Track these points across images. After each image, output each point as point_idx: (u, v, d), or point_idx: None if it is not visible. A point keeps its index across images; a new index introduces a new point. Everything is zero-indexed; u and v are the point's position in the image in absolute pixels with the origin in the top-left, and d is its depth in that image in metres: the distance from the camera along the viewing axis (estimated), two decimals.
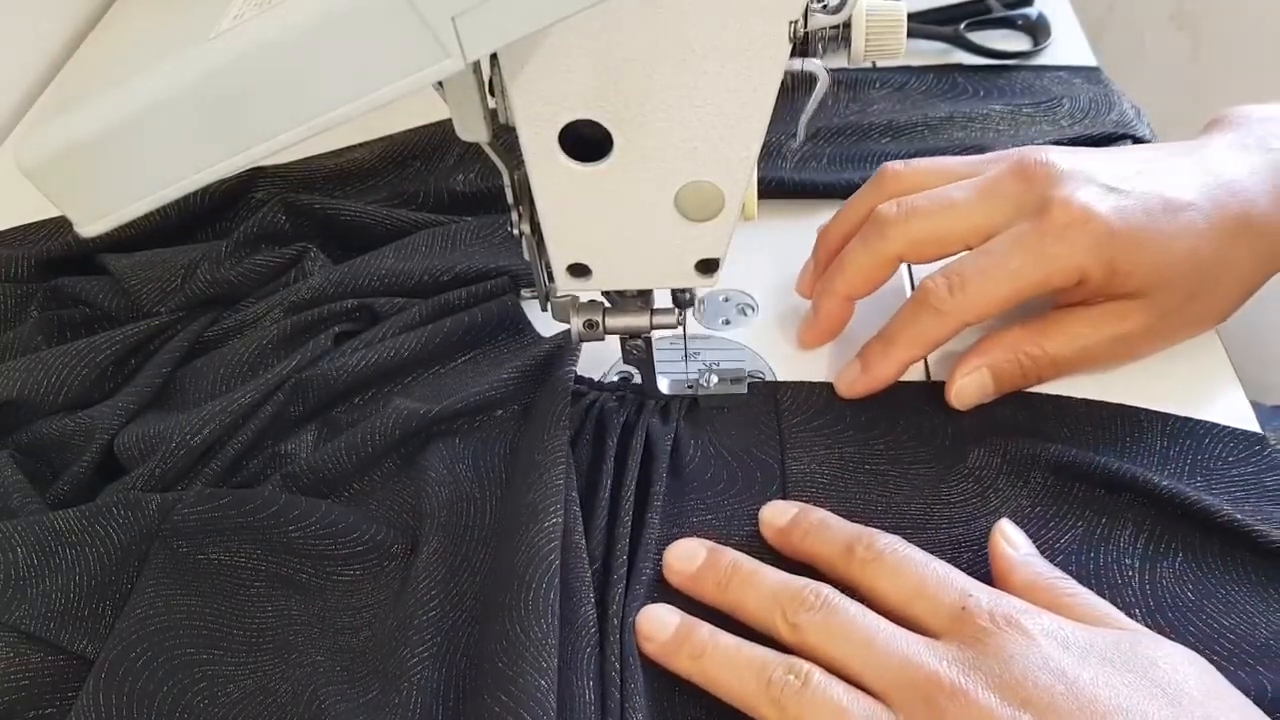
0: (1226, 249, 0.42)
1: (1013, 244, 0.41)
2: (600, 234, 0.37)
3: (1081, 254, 0.40)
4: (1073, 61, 0.64)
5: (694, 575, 0.38)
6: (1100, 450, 0.42)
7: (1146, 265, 0.41)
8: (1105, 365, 0.45)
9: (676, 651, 0.36)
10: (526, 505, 0.39)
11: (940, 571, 0.35)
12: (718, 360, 0.48)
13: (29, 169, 0.28)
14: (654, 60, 0.31)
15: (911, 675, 0.32)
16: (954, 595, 0.34)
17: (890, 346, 0.44)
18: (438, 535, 0.40)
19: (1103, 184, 0.42)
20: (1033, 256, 0.41)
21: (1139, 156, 0.44)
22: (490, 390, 0.44)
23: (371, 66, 0.26)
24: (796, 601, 0.35)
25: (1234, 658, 0.35)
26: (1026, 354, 0.43)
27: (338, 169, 0.58)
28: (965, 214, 0.43)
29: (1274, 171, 0.43)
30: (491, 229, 0.54)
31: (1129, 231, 0.40)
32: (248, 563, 0.40)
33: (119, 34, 0.34)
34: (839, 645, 0.33)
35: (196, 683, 0.37)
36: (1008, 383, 0.44)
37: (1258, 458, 0.42)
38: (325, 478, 0.43)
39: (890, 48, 0.37)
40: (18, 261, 0.53)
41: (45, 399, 0.46)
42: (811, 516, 0.39)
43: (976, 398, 0.44)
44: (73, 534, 0.40)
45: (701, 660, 0.35)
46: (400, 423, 0.42)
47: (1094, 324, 0.43)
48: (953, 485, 0.42)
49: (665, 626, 0.36)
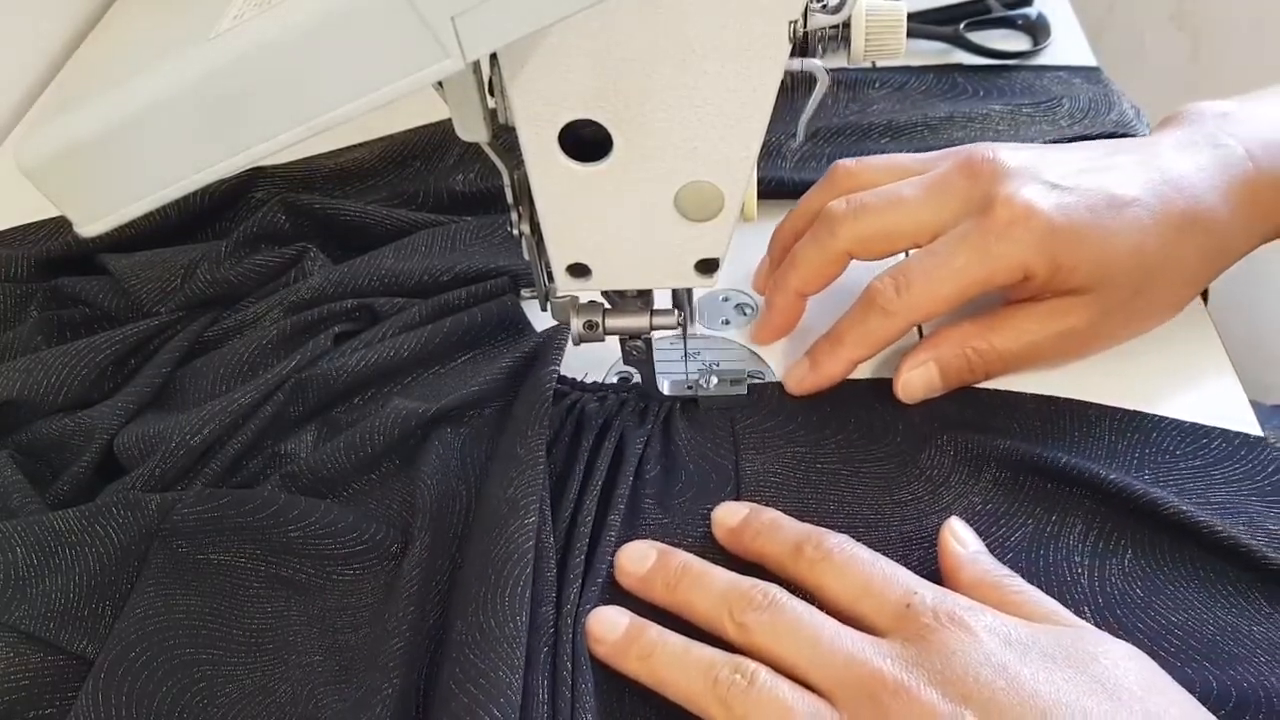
0: (1172, 245, 0.42)
1: (957, 243, 0.42)
2: (600, 234, 0.37)
3: (1025, 251, 0.41)
4: (1073, 61, 0.64)
5: (644, 577, 0.38)
6: (1050, 445, 0.42)
7: (1090, 261, 0.41)
8: (1053, 362, 0.45)
9: (625, 652, 0.36)
10: (507, 500, 0.39)
11: (886, 570, 0.35)
12: (717, 361, 0.48)
13: (29, 169, 0.28)
14: (654, 60, 0.31)
15: (855, 673, 0.32)
16: (899, 593, 0.34)
17: (838, 345, 0.44)
18: (428, 531, 0.40)
19: (1047, 181, 0.42)
20: (977, 255, 0.41)
21: (1087, 153, 0.45)
22: (482, 386, 0.44)
23: (371, 66, 0.26)
24: (744, 601, 0.35)
25: (1181, 654, 0.36)
26: (974, 349, 0.43)
27: (338, 169, 0.58)
28: (913, 211, 0.43)
29: (1222, 168, 0.43)
30: (491, 229, 0.54)
31: (1072, 228, 0.41)
32: (247, 563, 0.40)
33: (119, 34, 0.34)
34: (785, 644, 0.34)
35: (196, 683, 0.37)
36: (955, 378, 0.44)
37: (1205, 451, 0.42)
38: (324, 477, 0.43)
39: (890, 48, 0.37)
40: (18, 261, 0.53)
41: (45, 399, 0.46)
42: (763, 517, 0.39)
43: (923, 392, 0.44)
44: (72, 534, 0.40)
45: (650, 661, 0.35)
46: (399, 422, 0.42)
47: (1040, 320, 0.43)
48: (904, 483, 0.42)
49: (615, 628, 0.36)
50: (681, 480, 0.42)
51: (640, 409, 0.45)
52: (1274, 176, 0.43)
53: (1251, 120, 0.45)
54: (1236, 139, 0.44)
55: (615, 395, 0.46)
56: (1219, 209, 0.42)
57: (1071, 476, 0.40)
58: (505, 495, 0.39)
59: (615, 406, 0.45)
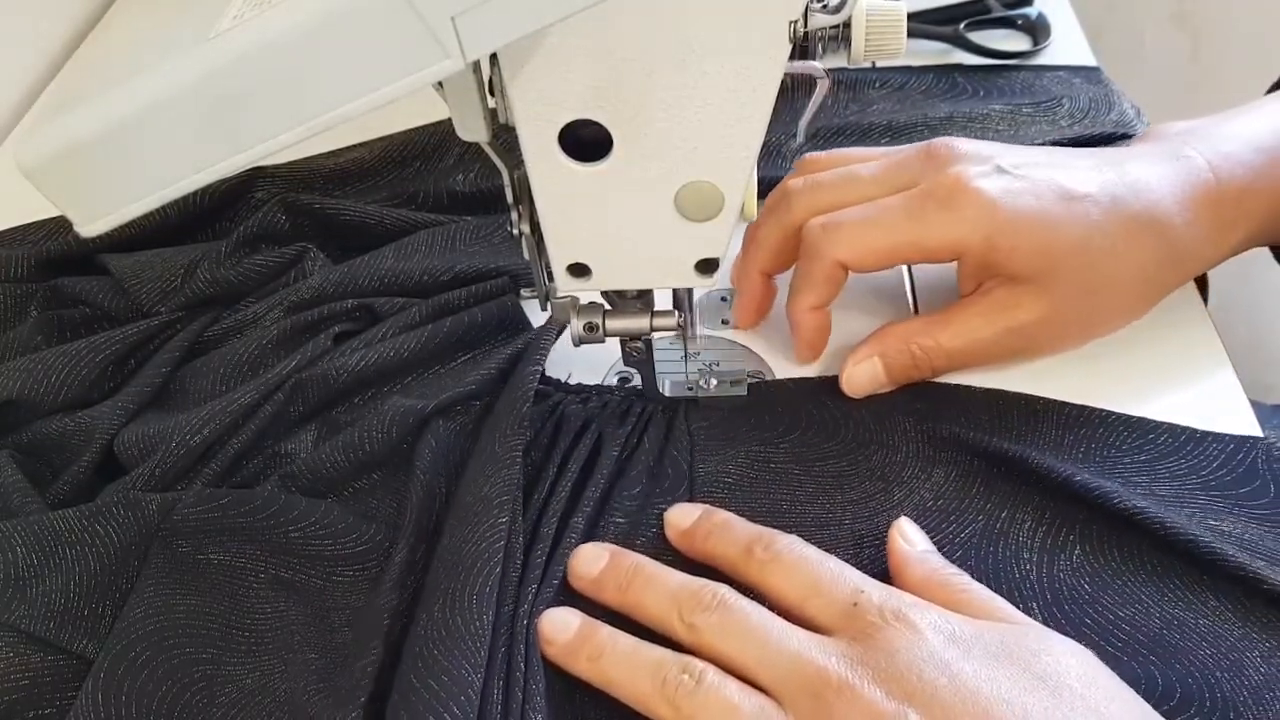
0: (1122, 245, 0.42)
1: (896, 202, 0.42)
2: (600, 234, 0.37)
3: (959, 224, 0.41)
4: (1073, 61, 0.64)
5: (596, 579, 0.38)
6: (999, 439, 0.42)
7: (1029, 247, 0.41)
8: (1001, 360, 0.45)
9: (576, 653, 0.36)
10: (482, 498, 0.39)
11: (834, 569, 0.36)
12: (717, 361, 0.48)
13: (29, 169, 0.28)
14: (654, 60, 0.31)
15: (800, 671, 0.32)
16: (846, 592, 0.35)
17: (793, 297, 0.45)
18: (413, 527, 0.40)
19: (998, 165, 0.42)
20: (910, 216, 0.42)
21: (1050, 151, 0.45)
22: (477, 383, 0.44)
23: (371, 66, 0.26)
24: (693, 602, 0.35)
25: (1128, 649, 0.36)
26: (919, 345, 0.44)
27: (338, 169, 0.58)
28: (867, 187, 0.44)
29: (1183, 179, 0.43)
30: (491, 229, 0.54)
31: (1013, 211, 0.41)
32: (247, 563, 0.40)
33: (119, 34, 0.34)
34: (732, 644, 0.34)
35: (195, 682, 0.37)
36: (900, 373, 0.44)
37: (1151, 445, 0.42)
38: (323, 477, 0.43)
39: (890, 48, 0.37)
40: (18, 261, 0.53)
41: (45, 399, 0.46)
42: (715, 518, 0.39)
43: (868, 387, 0.44)
44: (73, 534, 0.40)
45: (599, 662, 0.35)
46: (396, 421, 0.42)
47: (985, 316, 0.43)
48: (855, 481, 0.42)
49: (566, 628, 0.36)
50: (643, 482, 0.42)
51: (622, 411, 0.45)
52: (1236, 189, 0.43)
53: (1215, 135, 0.45)
54: (1199, 152, 0.44)
55: (598, 397, 0.46)
56: (1176, 216, 0.42)
57: (1022, 470, 0.41)
58: (480, 494, 0.39)
59: (597, 409, 0.45)
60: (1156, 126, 0.48)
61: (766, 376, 0.47)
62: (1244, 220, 0.44)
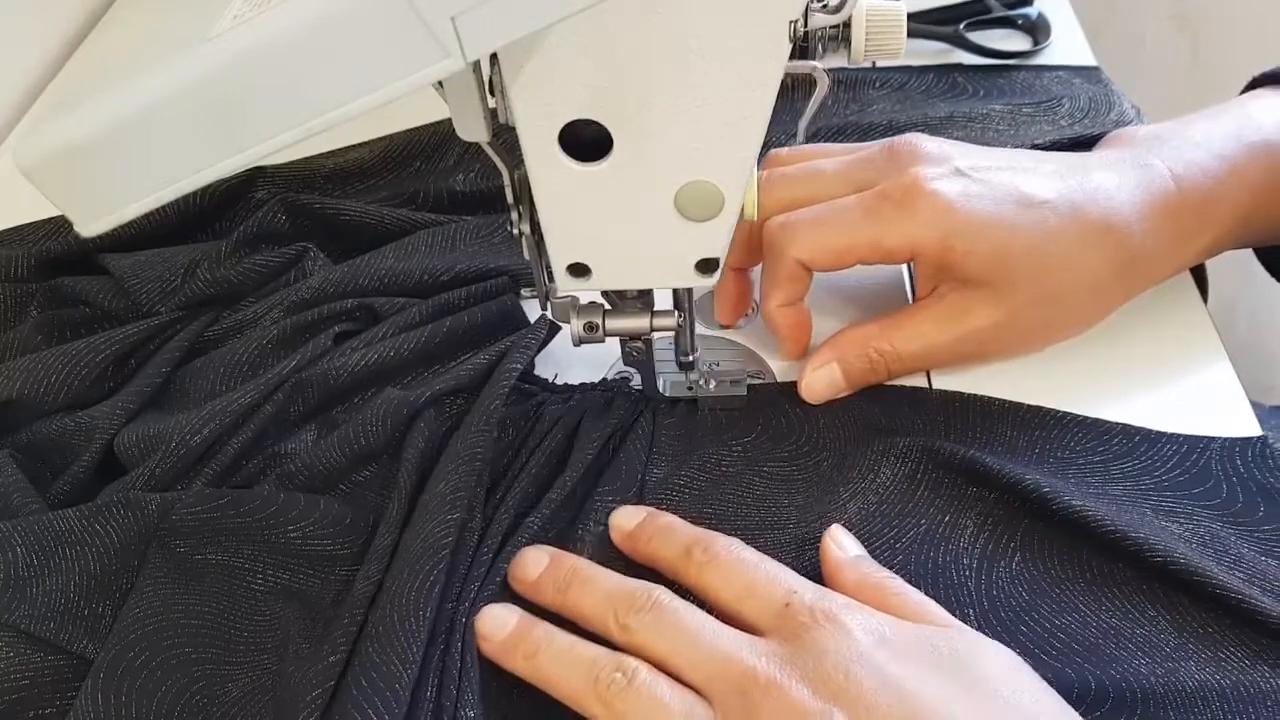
0: (1077, 253, 0.42)
1: (854, 201, 0.43)
2: (600, 234, 0.37)
3: (915, 225, 0.41)
4: (1073, 61, 0.64)
5: (535, 582, 0.38)
6: (951, 441, 0.42)
7: (984, 252, 0.41)
8: (955, 363, 0.45)
9: (512, 650, 0.36)
10: (438, 494, 0.39)
11: (770, 571, 0.36)
12: (717, 361, 0.48)
13: (29, 169, 0.28)
14: (654, 60, 0.31)
15: (729, 670, 0.32)
16: (780, 592, 0.35)
17: (763, 299, 0.45)
18: (391, 522, 0.40)
19: (958, 168, 0.43)
20: (867, 215, 0.42)
21: (1013, 155, 0.45)
22: (465, 375, 0.45)
23: (371, 66, 0.26)
24: (628, 603, 0.35)
25: (1063, 656, 0.36)
26: (875, 349, 0.44)
27: (338, 169, 0.58)
28: (828, 183, 0.44)
29: (1144, 188, 0.43)
30: (491, 229, 0.54)
31: (969, 214, 0.41)
32: (246, 563, 0.40)
33: (119, 34, 0.34)
34: (665, 643, 0.34)
35: (195, 682, 0.37)
36: (858, 378, 0.44)
37: (1105, 447, 0.42)
38: (320, 473, 0.42)
39: (890, 47, 0.37)
40: (18, 261, 0.53)
41: (45, 399, 0.46)
42: (658, 521, 0.39)
43: (827, 392, 0.44)
44: (72, 534, 0.40)
45: (535, 659, 0.35)
46: (390, 413, 0.43)
47: (939, 320, 0.43)
48: (802, 486, 0.42)
49: (503, 626, 0.36)
50: (594, 483, 0.42)
51: (603, 412, 0.45)
52: (1198, 197, 0.43)
53: (1179, 141, 0.45)
54: (1162, 160, 0.44)
55: (582, 397, 0.46)
56: (1134, 225, 0.43)
57: (969, 473, 0.41)
58: (437, 490, 0.39)
59: (579, 409, 0.45)
60: (1123, 130, 0.48)
61: (767, 377, 0.47)
62: (1207, 228, 0.44)
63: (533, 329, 0.46)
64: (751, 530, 0.40)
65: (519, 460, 0.43)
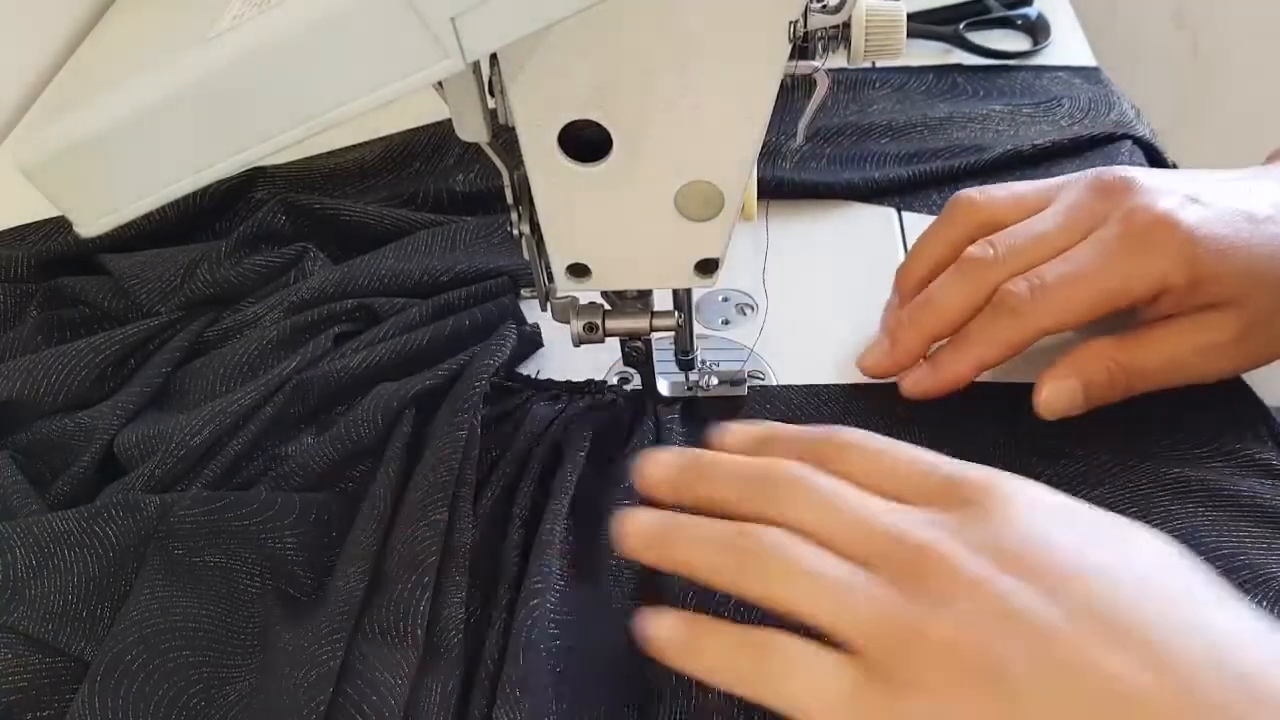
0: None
1: (1094, 250, 0.41)
2: (600, 234, 0.37)
3: (1164, 261, 0.40)
4: (1072, 61, 0.64)
5: (659, 480, 0.37)
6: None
7: (1231, 274, 0.40)
8: (1195, 377, 0.43)
9: (650, 543, 0.35)
10: (410, 502, 0.39)
11: (911, 450, 0.35)
12: (717, 361, 0.48)
13: (29, 169, 0.28)
14: (654, 60, 0.31)
15: (889, 537, 0.31)
16: (926, 467, 0.34)
17: (966, 348, 0.43)
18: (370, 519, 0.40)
19: (1184, 194, 0.41)
20: (1115, 262, 0.41)
21: (1210, 175, 0.44)
22: (452, 369, 0.45)
23: (371, 66, 0.26)
24: (764, 477, 0.34)
25: None
26: (1117, 363, 0.42)
27: (338, 169, 0.58)
28: (1059, 245, 0.42)
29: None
30: (491, 229, 0.54)
31: (1212, 239, 0.40)
32: (244, 566, 0.40)
33: (119, 34, 0.34)
34: (812, 514, 0.33)
35: (193, 685, 0.37)
36: (1097, 395, 0.43)
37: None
38: (315, 472, 0.42)
39: (890, 47, 0.37)
40: (18, 261, 0.53)
41: (45, 399, 0.46)
42: (761, 429, 0.38)
43: (1066, 409, 0.43)
44: (71, 535, 0.40)
45: (671, 547, 0.34)
46: (380, 408, 0.42)
47: (1184, 334, 0.42)
48: None
49: (641, 522, 0.35)
50: (614, 476, 0.42)
51: (588, 407, 0.45)
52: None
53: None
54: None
55: (568, 395, 0.46)
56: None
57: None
58: (413, 497, 0.39)
59: (562, 407, 0.45)
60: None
61: (767, 377, 0.47)
62: None
63: (505, 329, 0.46)
64: None
65: (508, 459, 0.42)
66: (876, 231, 0.54)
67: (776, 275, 0.52)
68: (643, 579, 0.39)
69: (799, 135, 0.39)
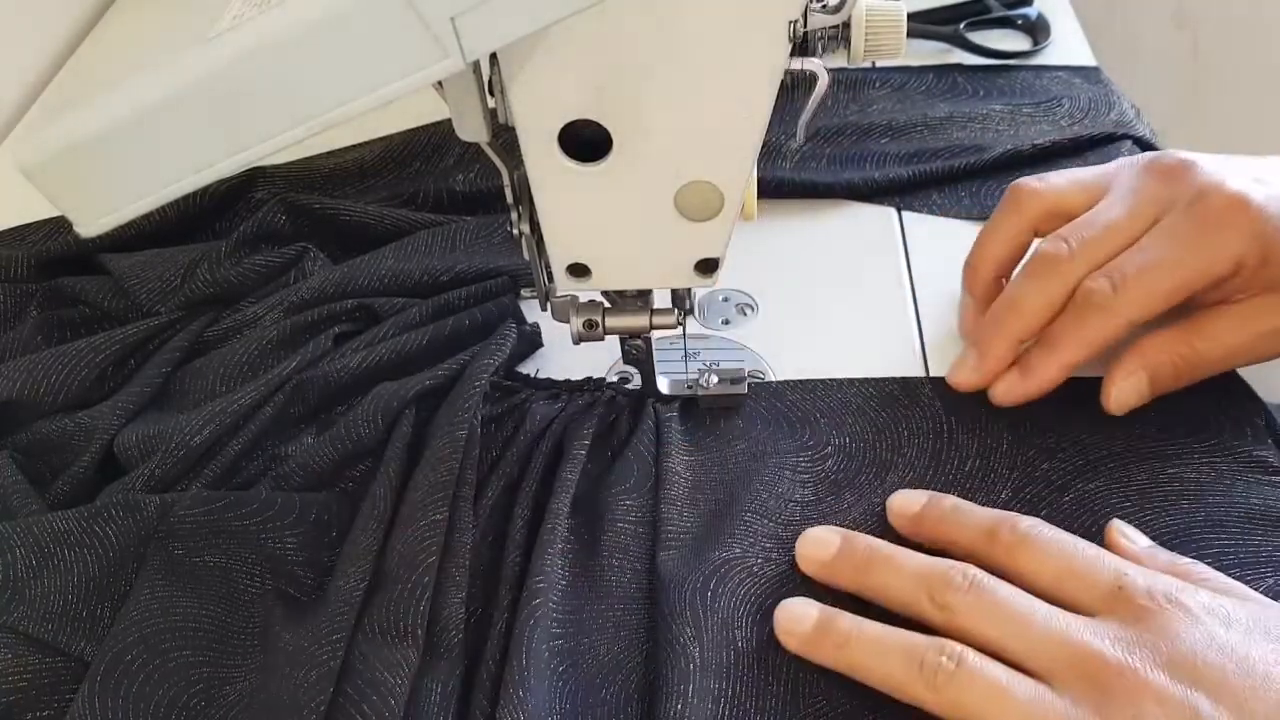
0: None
1: (1169, 237, 0.41)
2: (600, 234, 0.37)
3: (1239, 241, 0.40)
4: (1072, 61, 0.64)
5: (829, 563, 0.37)
6: (960, 433, 0.43)
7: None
8: (1253, 362, 0.43)
9: (820, 642, 0.35)
10: (418, 501, 0.39)
11: (1089, 551, 0.35)
12: (717, 360, 0.48)
13: (29, 169, 0.28)
14: (653, 60, 0.31)
15: (1074, 654, 0.31)
16: (1108, 574, 0.34)
17: (1055, 350, 0.43)
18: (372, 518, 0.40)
19: (1250, 175, 0.41)
20: (1192, 246, 0.40)
21: (1259, 160, 0.44)
22: (452, 369, 0.45)
23: (371, 66, 0.26)
24: (944, 581, 0.34)
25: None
26: (1180, 355, 0.42)
27: (338, 169, 0.58)
28: (1131, 234, 0.42)
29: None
30: (491, 229, 0.54)
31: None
32: (244, 566, 0.40)
33: (119, 34, 0.34)
34: (993, 625, 0.33)
35: (193, 685, 0.37)
36: (1162, 385, 0.43)
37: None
38: (315, 472, 0.42)
39: (890, 47, 0.37)
40: (17, 261, 0.53)
41: (45, 399, 0.46)
42: (945, 503, 0.39)
43: (1135, 402, 0.43)
44: (71, 535, 0.40)
45: (847, 649, 0.34)
46: (380, 408, 0.43)
47: (1243, 321, 0.42)
48: (807, 481, 0.42)
49: (804, 619, 0.36)
50: (607, 479, 0.42)
51: (587, 405, 0.45)
52: None
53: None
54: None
55: (567, 393, 0.46)
56: None
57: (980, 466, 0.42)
58: (413, 497, 0.39)
59: (562, 406, 0.45)
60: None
61: (767, 376, 0.47)
62: None
63: (504, 328, 0.46)
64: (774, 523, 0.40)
65: (509, 458, 0.43)
66: (876, 231, 0.54)
67: (776, 275, 0.52)
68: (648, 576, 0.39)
69: (799, 135, 0.39)
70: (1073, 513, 0.40)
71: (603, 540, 0.40)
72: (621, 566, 0.39)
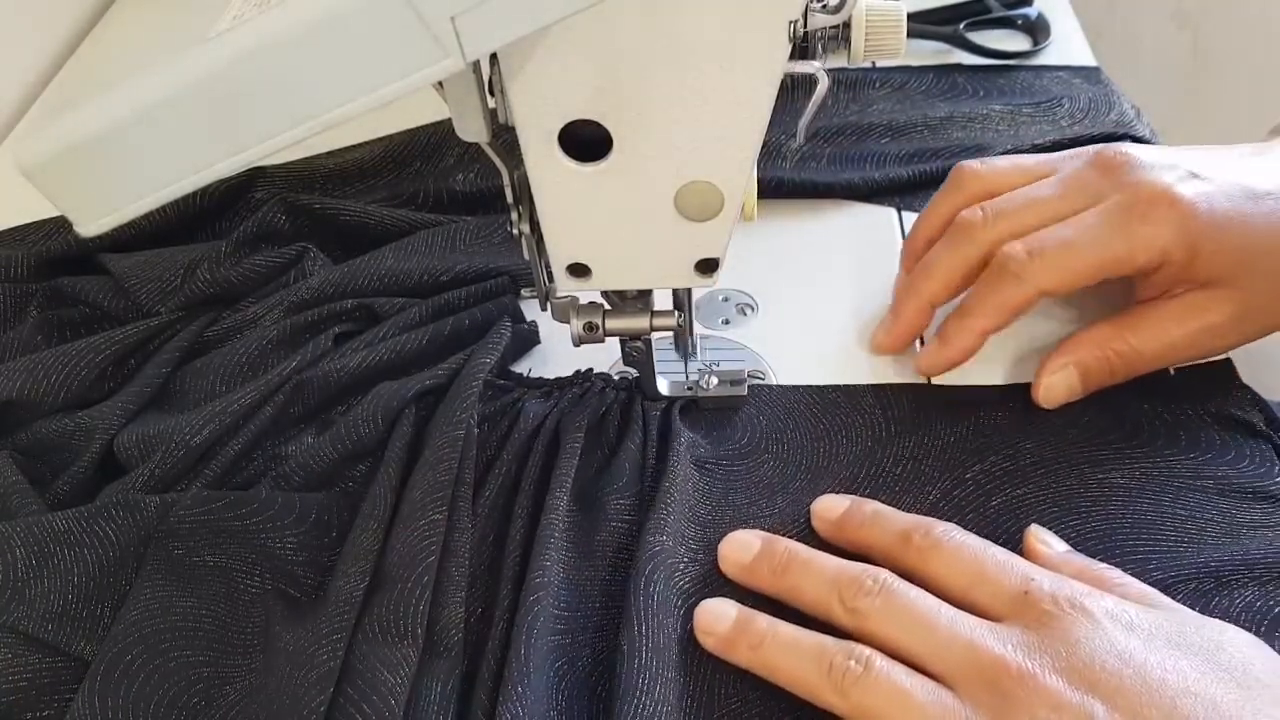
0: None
1: (1096, 218, 0.41)
2: (600, 234, 0.37)
3: (1166, 234, 0.40)
4: (1072, 61, 0.64)
5: (749, 565, 0.38)
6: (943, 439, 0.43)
7: (1230, 250, 0.40)
8: (1191, 358, 0.44)
9: (735, 642, 0.36)
10: (410, 502, 0.39)
11: (1000, 556, 0.35)
12: (717, 361, 0.48)
13: (29, 169, 0.28)
14: (653, 60, 0.31)
15: (976, 658, 0.32)
16: (1016, 579, 0.34)
17: (968, 317, 0.43)
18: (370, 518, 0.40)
19: (1185, 170, 0.42)
20: (1116, 232, 0.41)
21: (1212, 152, 0.44)
22: (450, 370, 0.45)
23: (371, 66, 0.26)
24: (855, 586, 0.35)
25: None
26: (1114, 350, 0.43)
27: (338, 169, 0.58)
28: (1050, 211, 0.43)
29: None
30: (491, 229, 0.54)
31: (1212, 215, 0.40)
32: (244, 566, 0.40)
33: (119, 34, 0.34)
34: (900, 629, 0.33)
35: (193, 685, 0.37)
36: (1095, 380, 0.43)
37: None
38: (315, 472, 0.42)
39: (890, 47, 0.37)
40: (18, 261, 0.53)
41: (45, 399, 0.46)
42: (866, 508, 0.39)
43: (1064, 396, 0.43)
44: (71, 535, 0.40)
45: (760, 650, 0.35)
46: (379, 408, 0.43)
47: (1179, 317, 0.42)
48: (798, 475, 0.42)
49: (723, 619, 0.36)
50: (600, 478, 0.42)
51: (579, 398, 0.45)
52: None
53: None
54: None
55: (559, 391, 0.46)
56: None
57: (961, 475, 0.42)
58: (413, 496, 0.39)
59: (555, 404, 0.45)
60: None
61: (767, 377, 0.47)
62: None
63: (499, 327, 0.46)
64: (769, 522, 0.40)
65: (505, 457, 0.43)
66: (876, 231, 0.54)
67: (776, 275, 0.52)
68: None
69: (799, 135, 0.39)
70: (998, 518, 0.40)
71: (597, 540, 0.40)
72: (614, 565, 0.39)
